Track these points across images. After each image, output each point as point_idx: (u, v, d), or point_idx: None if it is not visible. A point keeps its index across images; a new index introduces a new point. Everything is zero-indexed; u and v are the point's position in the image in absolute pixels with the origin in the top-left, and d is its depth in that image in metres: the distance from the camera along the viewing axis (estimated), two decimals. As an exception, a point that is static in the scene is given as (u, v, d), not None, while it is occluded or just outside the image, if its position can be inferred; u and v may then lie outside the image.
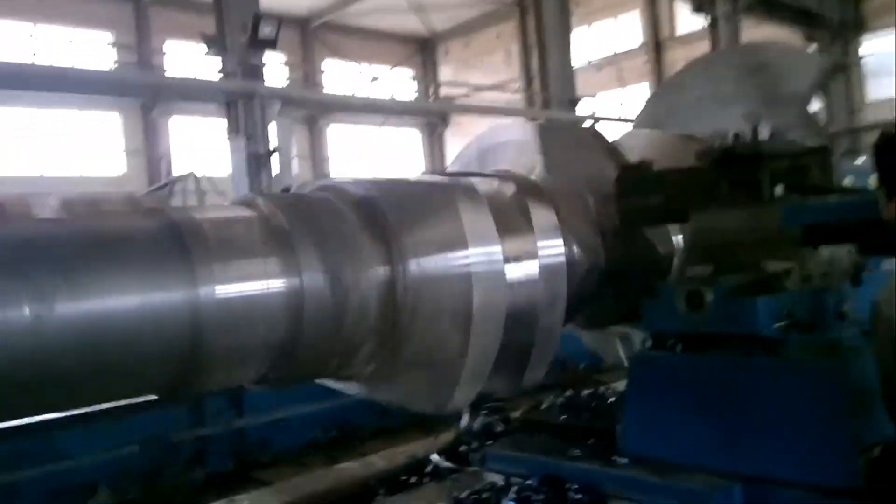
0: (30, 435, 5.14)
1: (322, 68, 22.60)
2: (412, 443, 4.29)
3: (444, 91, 24.16)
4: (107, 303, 1.56)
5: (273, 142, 10.24)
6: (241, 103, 9.92)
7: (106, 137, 19.18)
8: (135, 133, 19.49)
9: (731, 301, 2.70)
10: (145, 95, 18.30)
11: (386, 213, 2.17)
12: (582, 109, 14.52)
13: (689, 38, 18.35)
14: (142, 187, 16.34)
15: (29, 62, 14.94)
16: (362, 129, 22.74)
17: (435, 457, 3.70)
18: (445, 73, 24.62)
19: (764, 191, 2.94)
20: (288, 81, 21.28)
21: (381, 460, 3.90)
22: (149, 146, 19.51)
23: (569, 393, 3.87)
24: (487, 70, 22.82)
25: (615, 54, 20.90)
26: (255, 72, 10.07)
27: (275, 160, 10.04)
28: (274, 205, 1.99)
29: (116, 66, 19.27)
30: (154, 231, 1.71)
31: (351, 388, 2.57)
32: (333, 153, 22.51)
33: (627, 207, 3.11)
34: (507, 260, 2.40)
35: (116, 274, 1.59)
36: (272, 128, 10.31)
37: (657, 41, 20.34)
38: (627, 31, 20.98)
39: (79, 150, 18.62)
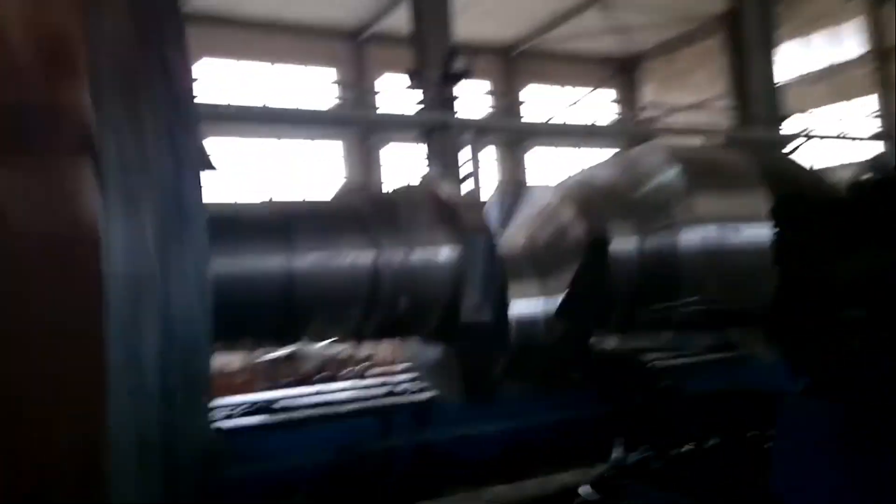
0: (242, 435, 5.91)
1: (524, 93, 23.26)
2: (570, 471, 4.40)
3: (647, 111, 23.84)
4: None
5: (467, 168, 10.91)
6: (436, 133, 10.69)
7: (330, 164, 21.16)
8: (354, 160, 21.30)
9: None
10: (362, 127, 20.02)
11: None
12: (791, 126, 13.80)
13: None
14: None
15: (263, 104, 16.92)
16: (562, 152, 23.05)
17: (583, 489, 3.82)
18: (648, 92, 24.30)
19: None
20: (492, 108, 22.13)
21: (532, 486, 4.14)
22: (365, 172, 21.20)
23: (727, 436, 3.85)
24: (691, 88, 22.21)
25: (833, 66, 19.50)
26: (449, 104, 10.80)
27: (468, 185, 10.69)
28: (366, 201, 2.46)
29: (338, 101, 21.18)
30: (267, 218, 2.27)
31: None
32: (534, 176, 23.03)
33: (787, 239, 3.04)
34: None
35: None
36: (466, 155, 10.98)
37: (882, 50, 18.70)
38: (847, 40, 19.48)
39: (306, 177, 20.67)
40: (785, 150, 12.13)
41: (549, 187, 3.15)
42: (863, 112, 18.91)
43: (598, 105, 23.50)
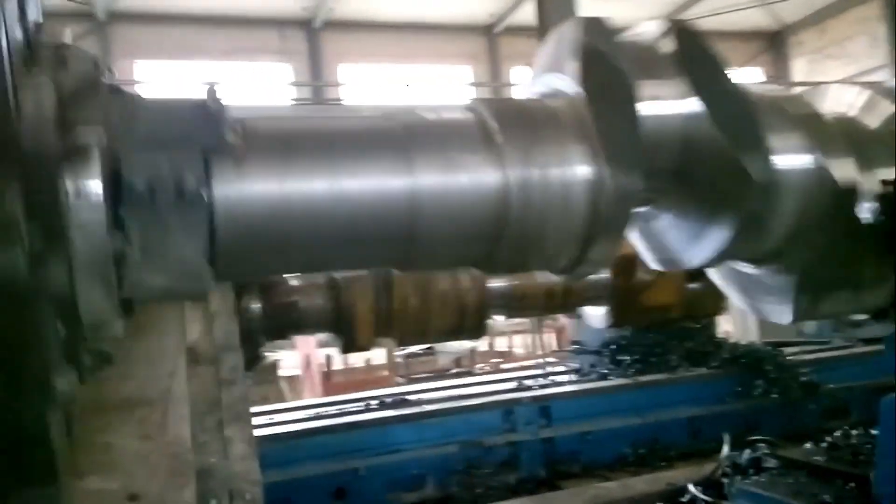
0: (369, 428, 6.30)
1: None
2: (681, 468, 4.40)
3: (800, 85, 22.44)
4: (350, 184, 1.83)
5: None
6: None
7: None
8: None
9: None
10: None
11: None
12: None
13: None
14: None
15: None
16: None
17: (692, 487, 3.83)
18: (799, 65, 22.85)
19: None
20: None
21: (641, 483, 4.17)
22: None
23: (838, 433, 3.75)
24: (847, 59, 20.69)
25: None
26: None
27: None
28: (490, 110, 2.16)
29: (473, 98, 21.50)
30: (391, 129, 2.08)
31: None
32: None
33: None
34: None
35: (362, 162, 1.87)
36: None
37: None
38: None
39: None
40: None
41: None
42: None
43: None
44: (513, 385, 7.52)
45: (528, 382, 7.54)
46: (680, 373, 7.06)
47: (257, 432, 4.20)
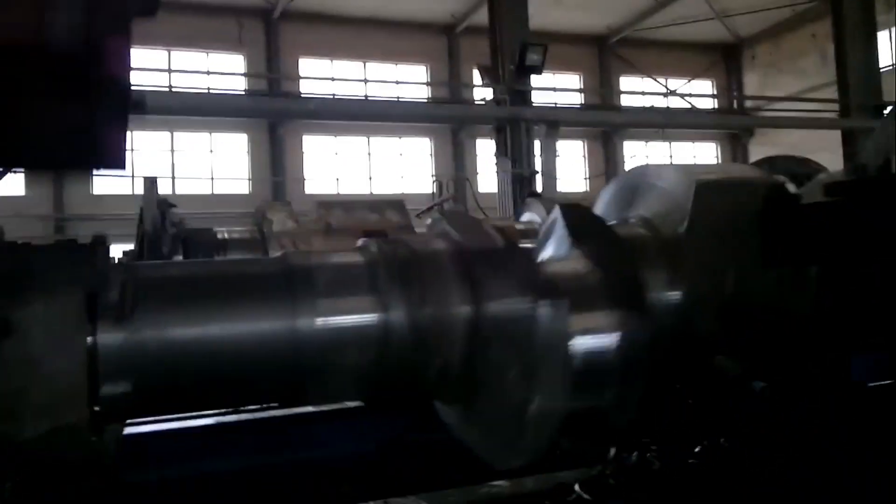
0: (295, 424, 6.23)
1: (619, 85, 22.79)
2: (577, 469, 4.40)
3: (750, 100, 22.86)
4: (229, 328, 1.97)
5: (540, 162, 10.87)
6: (508, 128, 10.73)
7: (420, 161, 21.50)
8: (444, 156, 21.54)
9: None
10: (452, 123, 20.20)
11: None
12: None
13: None
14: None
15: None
16: (655, 147, 22.47)
17: (577, 487, 3.83)
18: (752, 80, 23.28)
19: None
20: (583, 101, 21.83)
21: (533, 482, 4.17)
22: (457, 166, 21.39)
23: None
24: (799, 74, 21.12)
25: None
26: (522, 98, 10.81)
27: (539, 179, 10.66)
28: (381, 252, 2.30)
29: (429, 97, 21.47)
30: (274, 273, 2.22)
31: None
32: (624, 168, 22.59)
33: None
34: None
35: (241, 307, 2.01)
36: (539, 150, 10.95)
37: None
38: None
39: (397, 174, 21.08)
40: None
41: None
42: None
43: (695, 95, 22.72)
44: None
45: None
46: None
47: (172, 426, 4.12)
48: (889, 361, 2.60)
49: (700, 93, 22.51)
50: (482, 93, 19.17)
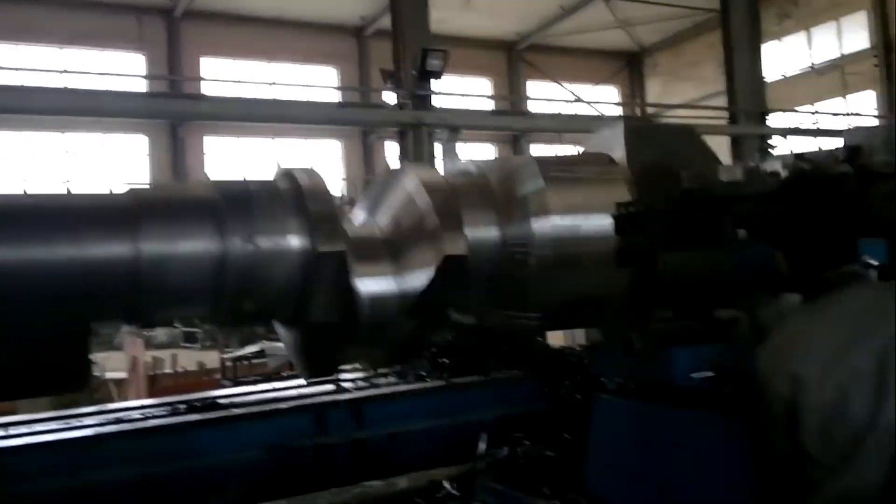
0: (176, 433, 6.02)
1: (527, 90, 23.16)
2: (452, 466, 4.42)
3: (652, 106, 23.61)
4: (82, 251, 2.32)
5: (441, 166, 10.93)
6: (410, 132, 10.75)
7: (330, 164, 21.30)
8: (353, 159, 21.42)
9: (655, 349, 2.73)
10: (361, 127, 20.05)
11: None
12: (776, 123, 13.66)
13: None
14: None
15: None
16: (562, 149, 22.92)
17: (446, 483, 3.89)
18: (654, 86, 24.09)
19: (725, 234, 2.90)
20: (493, 105, 22.07)
21: (405, 481, 4.19)
22: (367, 169, 21.27)
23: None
24: (699, 82, 21.95)
25: (840, 57, 19.18)
26: (424, 102, 10.85)
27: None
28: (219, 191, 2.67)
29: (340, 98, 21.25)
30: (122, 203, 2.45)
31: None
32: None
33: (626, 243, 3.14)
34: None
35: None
36: (441, 153, 11.01)
37: (887, 42, 18.31)
38: (853, 33, 19.12)
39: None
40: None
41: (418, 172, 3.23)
42: (862, 107, 18.58)
43: (601, 101, 23.32)
44: (331, 388, 7.42)
45: (347, 385, 7.46)
46: (493, 374, 7.18)
47: (48, 438, 3.93)
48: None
49: (606, 100, 23.08)
50: (392, 97, 19.24)
